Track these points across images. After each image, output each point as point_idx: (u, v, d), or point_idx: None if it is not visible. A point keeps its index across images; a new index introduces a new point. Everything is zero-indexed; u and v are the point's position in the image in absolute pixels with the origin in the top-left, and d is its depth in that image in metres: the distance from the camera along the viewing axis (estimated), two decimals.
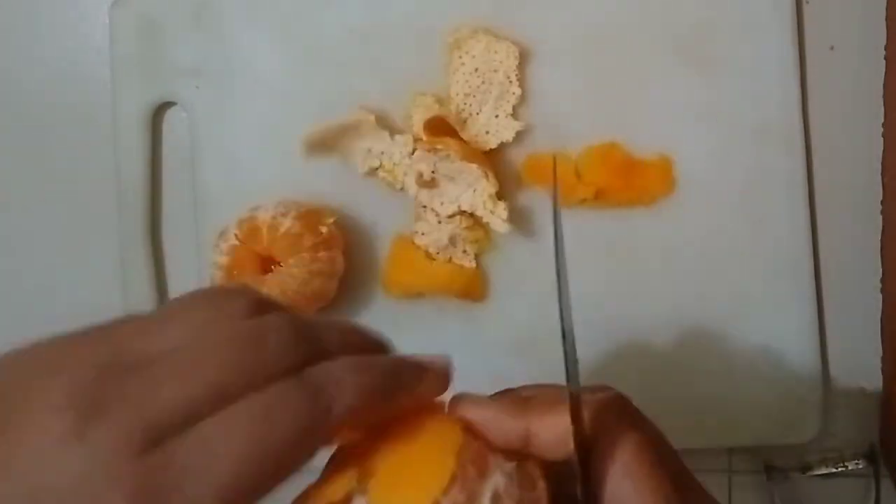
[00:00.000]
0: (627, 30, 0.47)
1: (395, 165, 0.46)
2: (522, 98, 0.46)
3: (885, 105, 0.47)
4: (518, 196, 0.47)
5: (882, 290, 0.48)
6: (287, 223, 0.44)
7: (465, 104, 0.46)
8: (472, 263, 0.47)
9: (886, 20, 0.47)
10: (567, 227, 0.50)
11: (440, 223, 0.46)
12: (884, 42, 0.47)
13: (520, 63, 0.46)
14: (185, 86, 0.49)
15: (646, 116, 0.47)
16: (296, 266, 0.44)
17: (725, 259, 0.47)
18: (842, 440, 0.48)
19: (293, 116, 0.46)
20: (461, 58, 0.46)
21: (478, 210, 0.45)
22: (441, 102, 0.46)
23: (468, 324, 0.48)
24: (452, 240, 0.46)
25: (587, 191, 0.46)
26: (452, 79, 0.46)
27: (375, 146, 0.46)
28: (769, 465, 0.48)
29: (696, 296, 0.47)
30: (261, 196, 0.46)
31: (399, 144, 0.46)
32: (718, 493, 0.49)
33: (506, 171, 0.47)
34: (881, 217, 0.48)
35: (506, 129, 0.46)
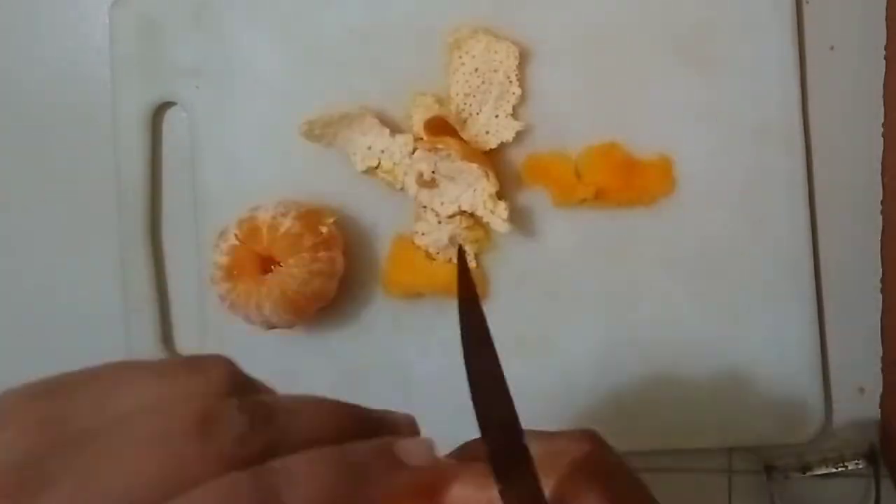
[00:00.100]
0: (627, 30, 0.47)
1: (395, 165, 0.46)
2: (522, 98, 0.46)
3: (885, 105, 0.47)
4: (518, 196, 0.47)
5: (882, 290, 0.48)
6: (287, 223, 0.44)
7: (465, 104, 0.46)
8: (472, 263, 0.47)
9: (886, 20, 0.47)
10: (567, 227, 0.49)
11: (440, 223, 0.46)
12: (884, 42, 0.47)
13: (520, 63, 0.46)
14: (185, 86, 0.49)
15: (646, 116, 0.47)
16: (296, 266, 0.44)
17: (725, 259, 0.47)
18: (842, 440, 0.48)
19: (293, 117, 0.46)
20: (461, 58, 0.46)
21: (478, 210, 0.45)
22: (441, 102, 0.46)
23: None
24: (452, 240, 0.46)
25: (587, 191, 0.46)
26: (452, 79, 0.46)
27: (376, 144, 0.46)
28: (769, 465, 0.48)
29: (696, 296, 0.47)
30: (261, 196, 0.46)
31: (399, 144, 0.46)
32: (718, 493, 0.49)
33: (506, 171, 0.47)
34: (881, 217, 0.48)
35: (506, 129, 0.46)
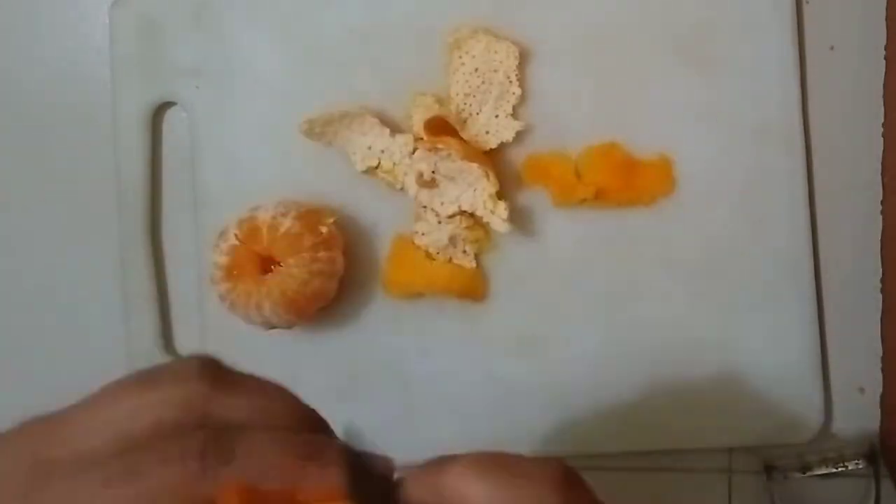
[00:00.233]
0: (627, 30, 0.47)
1: (395, 165, 0.46)
2: (522, 98, 0.46)
3: (885, 105, 0.47)
4: (518, 196, 0.47)
5: (882, 290, 0.48)
6: (287, 223, 0.44)
7: (465, 104, 0.46)
8: (472, 263, 0.47)
9: (886, 20, 0.47)
10: (567, 227, 0.50)
11: (440, 223, 0.46)
12: (884, 42, 0.47)
13: (520, 63, 0.46)
14: (185, 86, 0.49)
15: (646, 116, 0.47)
16: (296, 266, 0.44)
17: (725, 259, 0.47)
18: (842, 440, 0.48)
19: (293, 116, 0.46)
20: (461, 58, 0.46)
21: (478, 210, 0.45)
22: (441, 102, 0.46)
23: (468, 324, 0.48)
24: (452, 240, 0.46)
25: (587, 191, 0.46)
26: (452, 79, 0.46)
27: (376, 144, 0.46)
28: (769, 465, 0.48)
29: (696, 295, 0.47)
30: (261, 196, 0.46)
31: (399, 144, 0.46)
32: (718, 493, 0.49)
33: (506, 171, 0.47)
34: (881, 217, 0.48)
35: (506, 129, 0.46)
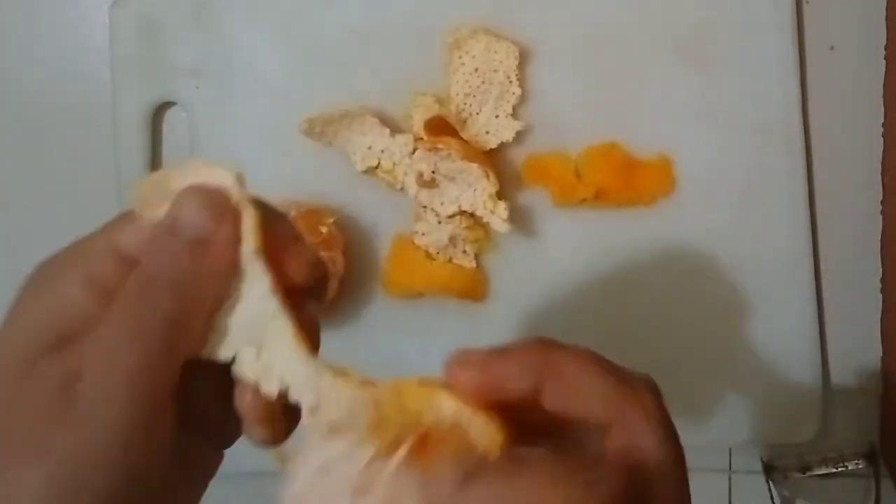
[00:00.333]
0: (627, 30, 0.47)
1: (395, 165, 0.46)
2: (522, 98, 0.46)
3: (885, 105, 0.47)
4: (518, 196, 0.47)
5: (882, 290, 0.48)
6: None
7: (465, 104, 0.46)
8: (472, 263, 0.47)
9: (886, 20, 0.47)
10: (567, 227, 0.50)
11: (440, 223, 0.46)
12: (884, 42, 0.47)
13: (520, 63, 0.46)
14: (185, 86, 0.49)
15: (646, 116, 0.47)
16: None
17: (725, 259, 0.47)
18: (842, 440, 0.48)
19: (293, 116, 0.46)
20: (461, 58, 0.46)
21: (478, 210, 0.45)
22: (441, 102, 0.46)
23: (468, 324, 0.48)
24: (452, 240, 0.46)
25: (587, 191, 0.46)
26: (452, 79, 0.46)
27: (376, 144, 0.46)
28: (769, 465, 0.48)
29: (696, 295, 0.47)
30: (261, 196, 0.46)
31: (399, 144, 0.46)
32: (718, 493, 0.49)
33: (506, 171, 0.47)
34: (881, 217, 0.48)
35: (506, 129, 0.46)
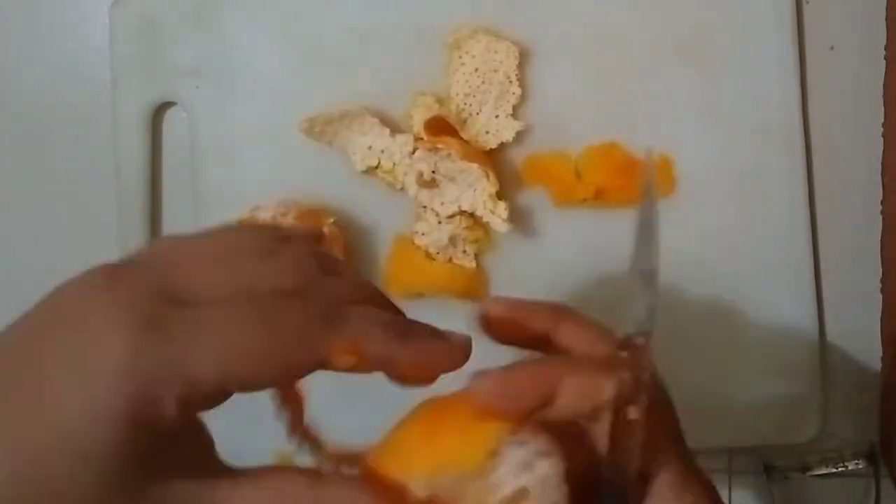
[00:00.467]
0: (627, 30, 0.47)
1: (395, 165, 0.46)
2: (522, 98, 0.46)
3: (885, 105, 0.47)
4: (518, 196, 0.47)
5: (882, 290, 0.48)
6: (287, 223, 0.44)
7: (465, 104, 0.46)
8: (472, 263, 0.47)
9: (886, 20, 0.47)
10: (567, 227, 0.50)
11: (440, 223, 0.46)
12: (884, 42, 0.47)
13: (520, 63, 0.46)
14: (185, 86, 0.49)
15: (646, 116, 0.47)
16: None
17: (725, 259, 0.47)
18: (842, 440, 0.48)
19: (293, 116, 0.46)
20: (461, 58, 0.46)
21: (478, 210, 0.45)
22: (441, 102, 0.46)
23: (468, 324, 0.48)
24: (452, 240, 0.46)
25: (587, 191, 0.46)
26: (452, 79, 0.46)
27: (376, 144, 0.46)
28: (769, 465, 0.48)
29: (696, 295, 0.47)
30: (261, 196, 0.46)
31: (399, 144, 0.46)
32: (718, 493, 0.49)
33: (506, 171, 0.47)
34: (881, 217, 0.48)
35: (506, 129, 0.46)
